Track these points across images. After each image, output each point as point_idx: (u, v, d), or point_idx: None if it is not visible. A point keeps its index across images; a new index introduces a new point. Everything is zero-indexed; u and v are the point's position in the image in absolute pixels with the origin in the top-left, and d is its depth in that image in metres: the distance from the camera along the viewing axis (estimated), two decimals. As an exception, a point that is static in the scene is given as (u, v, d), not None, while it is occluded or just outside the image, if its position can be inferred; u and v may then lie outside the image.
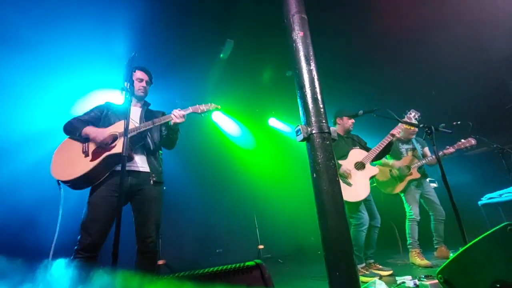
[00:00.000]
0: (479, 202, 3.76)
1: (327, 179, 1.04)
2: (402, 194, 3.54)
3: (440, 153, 3.30)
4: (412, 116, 3.03)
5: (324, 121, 1.13)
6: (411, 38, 4.10)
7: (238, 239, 5.02)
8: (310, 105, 1.15)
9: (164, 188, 4.38)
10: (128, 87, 1.78)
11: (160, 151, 2.27)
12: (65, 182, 1.88)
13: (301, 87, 1.19)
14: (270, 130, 6.27)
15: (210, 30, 3.79)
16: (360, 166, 3.00)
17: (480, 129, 3.26)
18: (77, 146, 2.01)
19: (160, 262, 3.79)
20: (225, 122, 5.76)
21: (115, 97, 3.43)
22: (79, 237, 1.79)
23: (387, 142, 3.00)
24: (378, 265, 2.97)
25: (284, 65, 4.64)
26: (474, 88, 4.57)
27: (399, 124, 2.99)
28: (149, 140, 2.15)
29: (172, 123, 2.14)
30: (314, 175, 1.07)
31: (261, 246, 4.68)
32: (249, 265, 1.16)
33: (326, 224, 1.01)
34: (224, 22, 3.75)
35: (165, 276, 1.11)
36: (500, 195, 3.53)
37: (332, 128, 1.15)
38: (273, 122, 6.26)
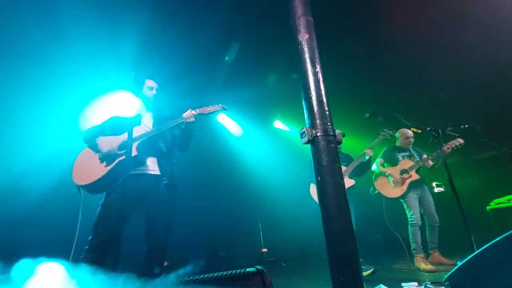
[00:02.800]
0: (487, 207, 3.69)
1: (332, 182, 1.03)
2: (402, 200, 3.54)
3: (435, 154, 3.40)
4: (387, 134, 3.54)
5: (329, 123, 1.12)
6: (419, 41, 4.06)
7: (241, 242, 5.00)
8: (315, 108, 1.14)
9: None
10: (140, 93, 1.90)
11: (172, 154, 2.34)
12: (83, 186, 2.02)
13: (306, 89, 1.18)
14: (275, 133, 6.25)
15: (216, 32, 3.80)
16: None
17: (488, 132, 3.21)
18: (95, 153, 2.16)
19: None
20: (230, 124, 5.76)
21: (125, 100, 3.32)
22: (90, 237, 1.86)
23: (361, 159, 3.42)
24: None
25: (289, 68, 4.63)
26: (483, 91, 4.51)
27: (371, 144, 3.46)
28: (161, 144, 2.23)
29: (184, 123, 2.23)
30: (319, 178, 1.06)
31: (264, 250, 4.66)
32: (250, 271, 1.15)
33: (330, 228, 1.00)
34: (230, 25, 3.76)
35: (167, 279, 1.11)
36: (509, 200, 3.46)
37: (337, 131, 1.13)
38: (278, 124, 6.24)
